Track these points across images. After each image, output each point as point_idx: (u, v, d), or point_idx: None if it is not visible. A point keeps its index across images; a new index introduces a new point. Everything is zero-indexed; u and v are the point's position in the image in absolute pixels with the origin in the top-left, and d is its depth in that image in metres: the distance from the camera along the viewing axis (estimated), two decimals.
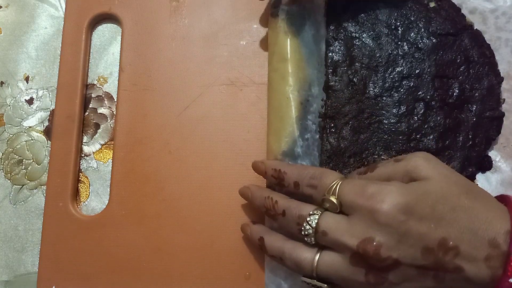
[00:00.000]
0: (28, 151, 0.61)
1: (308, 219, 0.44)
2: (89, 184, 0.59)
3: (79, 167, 0.60)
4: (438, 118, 0.53)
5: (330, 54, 0.56)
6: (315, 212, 0.44)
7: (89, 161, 0.60)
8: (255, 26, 0.60)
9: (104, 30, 0.64)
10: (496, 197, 0.45)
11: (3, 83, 0.63)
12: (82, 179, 0.60)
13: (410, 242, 0.40)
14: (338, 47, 0.56)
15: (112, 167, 0.58)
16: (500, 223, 0.40)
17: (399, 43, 0.55)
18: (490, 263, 0.39)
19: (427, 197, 0.41)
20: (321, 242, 0.44)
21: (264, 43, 0.59)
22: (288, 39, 0.54)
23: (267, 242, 0.49)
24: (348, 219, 0.43)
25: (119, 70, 0.61)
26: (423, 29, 0.56)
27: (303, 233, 0.44)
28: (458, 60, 0.54)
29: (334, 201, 0.44)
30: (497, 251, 0.39)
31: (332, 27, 0.57)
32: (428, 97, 0.53)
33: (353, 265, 0.42)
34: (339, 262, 0.43)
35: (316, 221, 0.44)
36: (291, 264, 0.46)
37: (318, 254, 0.44)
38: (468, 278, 0.40)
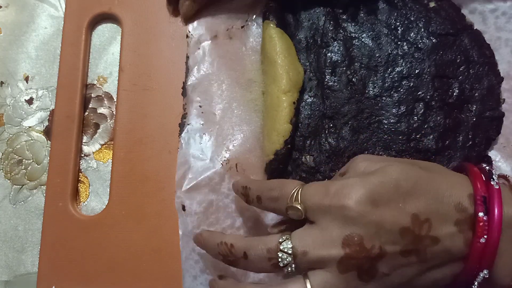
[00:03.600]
0: (28, 151, 0.61)
1: (281, 247, 0.42)
2: (89, 184, 0.60)
3: (79, 167, 0.60)
4: (438, 118, 0.53)
5: (329, 54, 0.56)
6: (283, 238, 0.42)
7: (89, 161, 0.60)
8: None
9: (104, 30, 0.64)
10: (454, 168, 0.46)
11: (3, 83, 0.63)
12: (82, 179, 0.60)
13: (387, 227, 0.40)
14: (337, 47, 0.56)
15: (112, 167, 0.58)
16: (462, 187, 0.41)
17: (399, 43, 0.55)
18: (460, 228, 0.40)
19: (388, 179, 0.41)
20: (303, 265, 0.42)
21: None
22: (277, 41, 0.54)
23: None
24: (318, 227, 0.42)
25: (119, 70, 0.61)
26: (423, 29, 0.55)
27: (281, 264, 0.42)
28: (458, 60, 0.54)
29: (298, 206, 0.42)
30: (464, 214, 0.40)
31: (331, 28, 0.57)
32: (428, 97, 0.53)
33: (344, 272, 0.40)
34: (330, 277, 0.41)
35: (290, 245, 0.41)
36: None
37: (307, 281, 0.41)
38: (446, 248, 0.40)
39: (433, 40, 0.55)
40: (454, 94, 0.54)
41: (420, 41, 0.55)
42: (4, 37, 0.65)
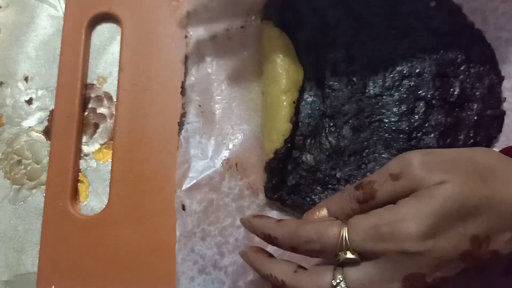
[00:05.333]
0: (27, 151, 0.61)
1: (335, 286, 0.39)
2: (89, 184, 0.59)
3: (79, 167, 0.60)
4: (439, 116, 0.53)
5: (329, 53, 0.56)
6: (338, 279, 0.39)
7: (89, 161, 0.60)
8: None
9: (104, 30, 0.64)
10: (504, 150, 0.42)
11: (3, 83, 0.63)
12: (81, 179, 0.60)
13: (448, 258, 0.37)
14: (337, 47, 0.56)
15: (111, 167, 0.58)
16: None
17: (400, 42, 0.55)
18: None
19: (447, 207, 0.38)
20: None
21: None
22: (276, 41, 0.55)
23: None
24: (377, 266, 0.38)
25: (118, 70, 0.61)
26: (423, 29, 0.55)
27: None
28: (459, 59, 0.54)
29: (353, 256, 0.38)
30: None
31: (331, 27, 0.57)
32: (429, 96, 0.53)
33: None
34: None
35: (344, 285, 0.38)
36: None
37: None
38: (502, 256, 0.38)
39: (434, 40, 0.55)
40: (455, 93, 0.54)
41: (421, 40, 0.55)
42: (4, 37, 0.65)
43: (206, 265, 0.53)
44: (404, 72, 0.54)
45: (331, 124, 0.54)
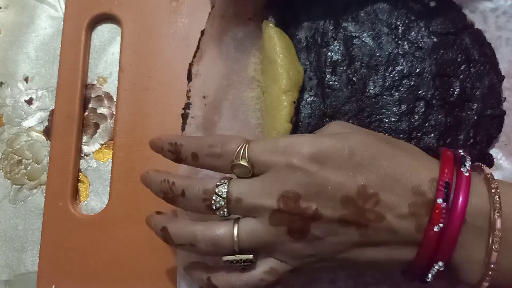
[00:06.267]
0: (27, 151, 0.61)
1: (216, 190, 0.41)
2: (89, 184, 0.59)
3: (79, 166, 0.60)
4: (439, 116, 0.53)
5: (329, 53, 0.56)
6: (223, 181, 0.42)
7: (89, 160, 0.60)
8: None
9: (104, 30, 0.64)
10: (433, 154, 0.43)
11: (3, 83, 0.63)
12: (81, 179, 0.60)
13: (328, 191, 0.38)
14: (337, 47, 0.56)
15: (112, 167, 0.58)
16: (426, 171, 0.39)
17: (400, 42, 0.55)
18: (413, 211, 0.38)
19: (344, 145, 0.39)
20: (235, 211, 0.42)
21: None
22: (277, 41, 0.54)
23: (172, 230, 0.44)
24: (261, 179, 0.41)
25: (118, 70, 0.61)
26: (423, 28, 0.55)
27: (214, 207, 0.41)
28: (459, 59, 0.54)
29: (246, 164, 0.41)
30: (421, 198, 0.38)
31: (331, 27, 0.57)
32: (429, 95, 0.53)
33: (274, 225, 0.40)
34: (259, 226, 0.40)
35: (226, 189, 0.41)
36: (207, 246, 0.42)
37: (236, 225, 0.41)
38: (392, 227, 0.38)
39: (434, 39, 0.55)
40: (455, 92, 0.53)
41: (421, 40, 0.55)
42: (4, 38, 0.65)
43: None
44: (404, 72, 0.54)
45: None
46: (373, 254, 0.40)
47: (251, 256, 0.41)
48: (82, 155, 0.60)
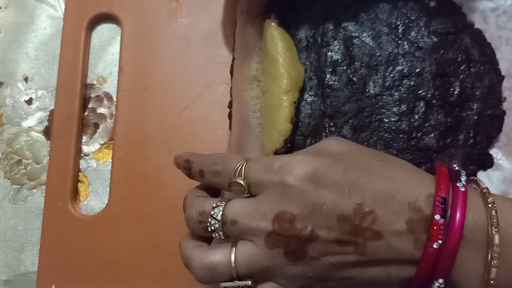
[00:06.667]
0: (27, 151, 0.61)
1: (212, 212, 0.41)
2: (89, 184, 0.59)
3: (79, 166, 0.60)
4: (439, 116, 0.53)
5: (330, 53, 0.56)
6: (219, 204, 0.42)
7: (89, 160, 0.60)
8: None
9: (104, 30, 0.64)
10: (426, 169, 0.43)
11: (3, 83, 0.63)
12: (81, 179, 0.60)
13: (324, 211, 0.38)
14: (337, 47, 0.56)
15: (111, 167, 0.58)
16: (421, 186, 0.39)
17: (400, 42, 0.55)
18: (411, 228, 0.37)
19: (338, 163, 0.39)
20: (231, 234, 0.41)
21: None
22: (279, 41, 0.54)
23: (180, 249, 0.45)
24: (256, 200, 0.41)
25: (118, 70, 0.61)
26: (423, 28, 0.55)
27: (209, 229, 0.41)
28: (459, 59, 0.54)
29: (241, 182, 0.41)
30: (418, 214, 0.38)
31: (331, 27, 0.57)
32: (429, 95, 0.53)
33: (270, 247, 0.39)
34: (256, 250, 0.40)
35: (221, 212, 0.41)
36: (203, 273, 0.41)
37: (234, 250, 0.41)
38: (390, 245, 0.38)
39: (434, 39, 0.55)
40: (455, 92, 0.53)
41: (421, 40, 0.55)
42: (3, 38, 0.65)
43: None
44: (404, 72, 0.54)
45: (331, 124, 0.54)
46: (372, 273, 0.40)
47: (249, 282, 0.41)
48: (82, 155, 0.60)
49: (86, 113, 0.61)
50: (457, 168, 0.41)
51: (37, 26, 0.65)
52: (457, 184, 0.39)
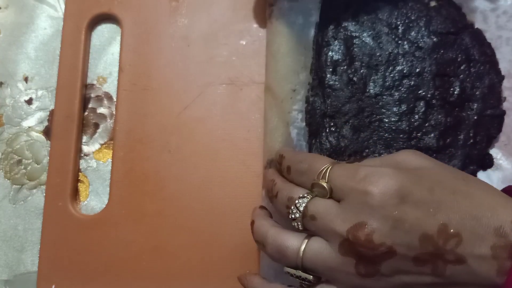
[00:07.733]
0: (27, 151, 0.61)
1: (296, 202, 0.41)
2: (89, 184, 0.59)
3: (79, 166, 0.60)
4: (439, 116, 0.53)
5: (330, 53, 0.56)
6: (306, 195, 0.42)
7: (89, 160, 0.60)
8: (255, 25, 0.60)
9: (104, 31, 0.64)
10: (503, 190, 0.41)
11: (3, 83, 0.63)
12: (81, 179, 0.59)
13: (406, 228, 0.36)
14: (337, 47, 0.56)
15: (111, 167, 0.58)
16: (505, 210, 0.36)
17: (400, 42, 0.55)
18: (496, 254, 0.35)
19: (424, 181, 0.38)
20: (309, 227, 0.41)
21: (264, 43, 0.59)
22: (283, 40, 0.54)
23: (255, 226, 0.45)
24: (339, 204, 0.40)
25: (118, 70, 0.61)
26: (423, 28, 0.55)
27: (290, 216, 0.42)
28: (459, 59, 0.54)
29: (324, 185, 0.40)
30: (504, 240, 0.35)
31: (331, 27, 0.57)
32: (429, 95, 0.53)
33: (342, 254, 0.38)
34: (327, 250, 0.39)
35: (304, 204, 0.41)
36: (274, 251, 0.42)
37: (306, 242, 0.40)
38: (472, 270, 0.36)
39: (434, 39, 0.55)
40: (455, 92, 0.53)
41: (421, 40, 0.55)
42: (3, 38, 0.65)
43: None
44: (404, 71, 0.54)
45: (332, 124, 0.54)
46: None
47: (310, 277, 0.41)
48: (82, 155, 0.60)
49: (86, 113, 0.61)
50: None
51: (37, 26, 0.65)
52: None
